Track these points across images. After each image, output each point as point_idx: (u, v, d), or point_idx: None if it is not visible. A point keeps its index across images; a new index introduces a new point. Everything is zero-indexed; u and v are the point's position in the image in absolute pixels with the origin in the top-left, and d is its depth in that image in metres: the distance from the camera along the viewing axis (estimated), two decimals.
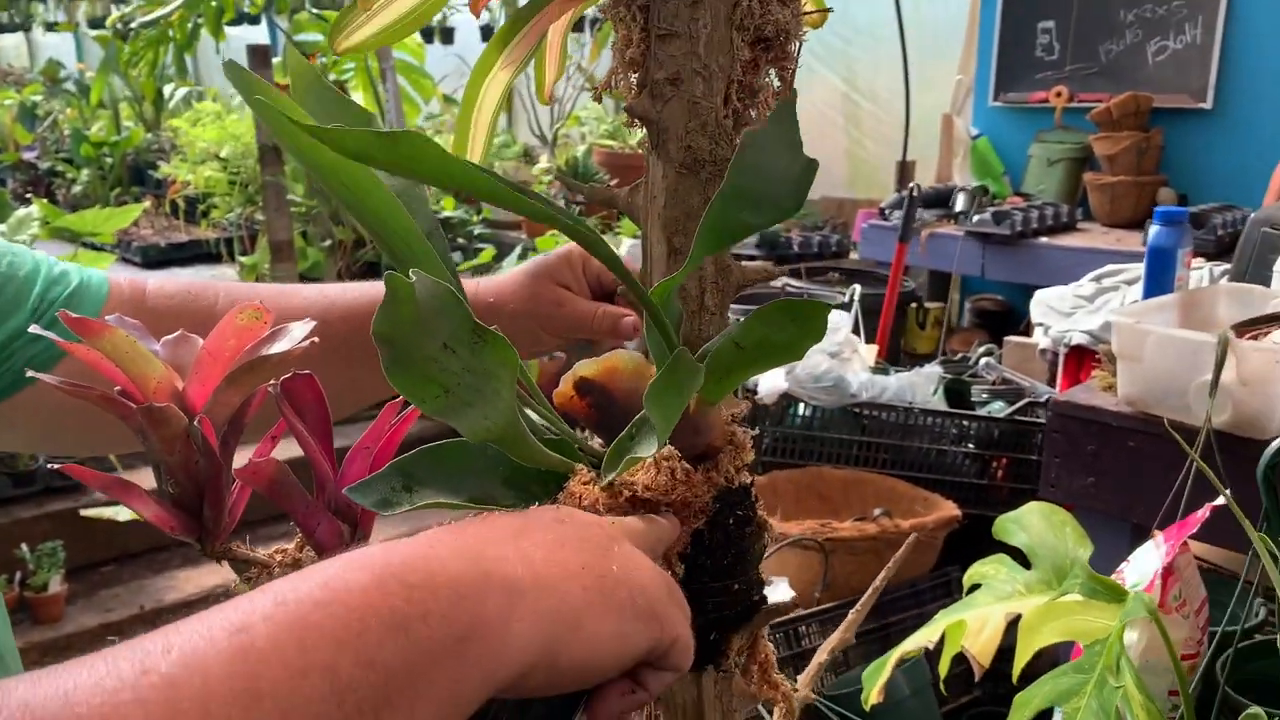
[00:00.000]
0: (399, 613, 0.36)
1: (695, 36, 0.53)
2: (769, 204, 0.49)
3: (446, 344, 0.45)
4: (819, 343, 0.51)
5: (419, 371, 0.46)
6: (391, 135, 0.41)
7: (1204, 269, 2.27)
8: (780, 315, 0.51)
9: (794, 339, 0.52)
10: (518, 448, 0.53)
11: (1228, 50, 3.90)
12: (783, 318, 0.51)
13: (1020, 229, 3.57)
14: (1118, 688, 0.78)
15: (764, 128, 0.49)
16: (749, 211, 0.48)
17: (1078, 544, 1.01)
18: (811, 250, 4.32)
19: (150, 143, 5.27)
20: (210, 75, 7.02)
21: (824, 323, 0.51)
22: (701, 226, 0.50)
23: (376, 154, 0.42)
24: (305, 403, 0.63)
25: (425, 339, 0.45)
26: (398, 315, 0.43)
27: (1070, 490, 1.57)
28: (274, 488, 0.59)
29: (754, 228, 0.49)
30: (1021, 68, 4.44)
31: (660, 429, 0.49)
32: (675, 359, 0.49)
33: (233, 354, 0.60)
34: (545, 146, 5.33)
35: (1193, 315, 1.64)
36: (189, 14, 3.97)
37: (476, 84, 0.74)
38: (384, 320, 0.43)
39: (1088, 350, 2.18)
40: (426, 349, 0.45)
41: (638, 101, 0.55)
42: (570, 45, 0.81)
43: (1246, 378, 1.35)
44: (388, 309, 0.43)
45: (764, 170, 0.48)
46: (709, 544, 0.54)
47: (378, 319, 0.43)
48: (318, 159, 0.49)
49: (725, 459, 0.56)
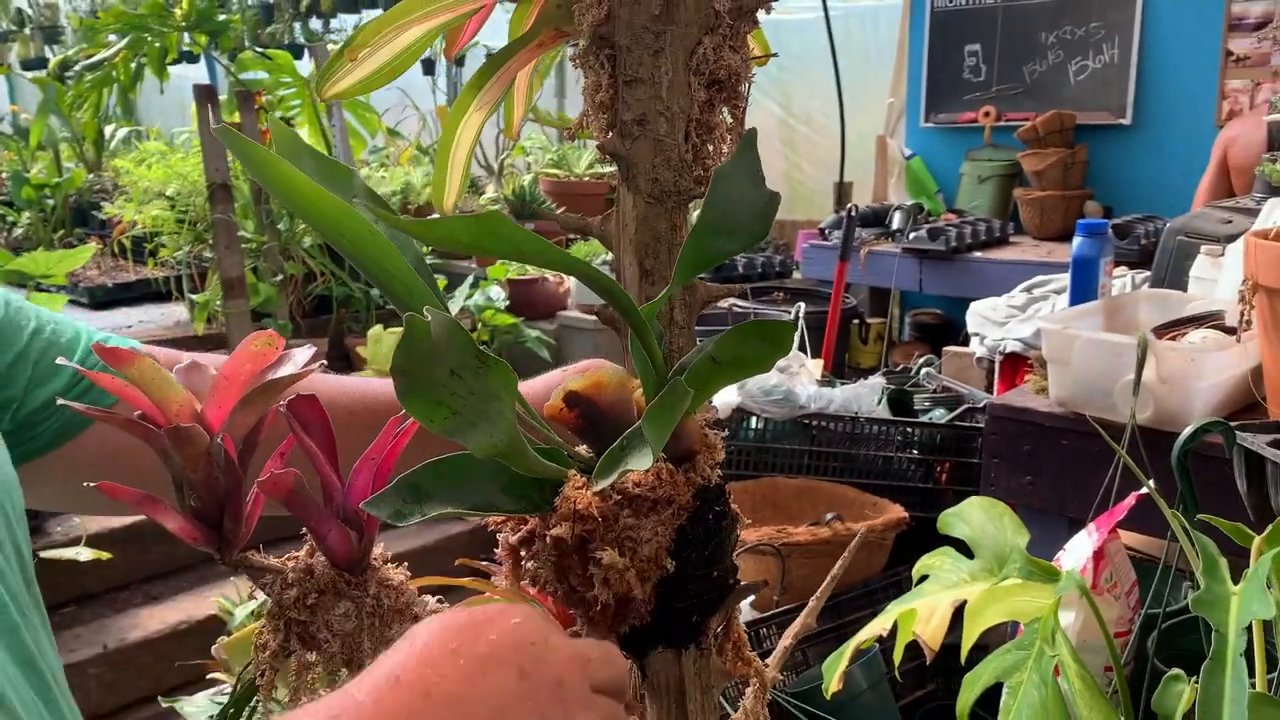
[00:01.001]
0: None
1: (658, 82, 0.60)
2: (741, 231, 0.57)
3: (454, 371, 0.50)
4: (785, 356, 0.59)
5: (430, 397, 0.50)
6: (477, 219, 0.47)
7: (1127, 276, 2.39)
8: (752, 334, 0.58)
9: (763, 354, 0.59)
10: (518, 460, 0.58)
11: (1144, 69, 4.08)
12: (754, 336, 0.58)
13: (955, 244, 3.69)
14: (1053, 656, 0.85)
15: (731, 165, 0.56)
16: (722, 239, 0.56)
17: (1016, 533, 1.08)
18: (756, 271, 4.42)
19: (93, 183, 5.24)
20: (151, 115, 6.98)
21: (790, 339, 0.58)
22: (682, 255, 0.56)
23: (463, 237, 0.49)
24: (311, 421, 0.69)
25: (436, 368, 0.49)
26: (415, 349, 0.48)
27: (1009, 489, 1.65)
28: (292, 498, 0.64)
29: (728, 253, 0.57)
30: (950, 89, 4.59)
31: (655, 445, 0.55)
32: (671, 387, 0.55)
33: (247, 377, 0.65)
34: (491, 176, 5.39)
35: (1116, 320, 1.74)
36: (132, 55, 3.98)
37: (453, 125, 0.80)
38: (403, 354, 0.48)
39: (1021, 357, 2.28)
40: (437, 376, 0.50)
41: (608, 140, 0.62)
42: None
43: (1165, 376, 1.45)
44: (407, 344, 0.47)
45: (733, 201, 0.56)
46: (692, 537, 0.60)
47: (397, 354, 0.47)
48: (318, 212, 0.52)
49: (702, 460, 0.63)
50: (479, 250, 0.51)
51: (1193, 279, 1.90)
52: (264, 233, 3.87)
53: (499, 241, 0.50)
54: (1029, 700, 0.88)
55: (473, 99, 0.78)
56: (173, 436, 0.61)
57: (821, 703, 1.52)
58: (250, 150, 0.52)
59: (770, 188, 0.60)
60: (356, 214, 0.52)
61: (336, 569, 0.68)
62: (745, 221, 0.57)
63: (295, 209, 0.53)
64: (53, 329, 0.80)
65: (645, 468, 0.55)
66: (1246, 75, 3.87)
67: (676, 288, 0.59)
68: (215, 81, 5.35)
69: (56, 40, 7.29)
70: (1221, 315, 1.61)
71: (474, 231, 0.49)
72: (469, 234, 0.49)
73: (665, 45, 0.60)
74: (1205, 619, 0.78)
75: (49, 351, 0.79)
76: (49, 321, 0.80)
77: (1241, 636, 0.76)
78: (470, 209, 4.61)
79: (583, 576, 0.61)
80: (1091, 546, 1.15)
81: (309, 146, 0.65)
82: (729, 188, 0.55)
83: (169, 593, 3.09)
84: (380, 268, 0.56)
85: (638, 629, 0.63)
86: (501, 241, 0.50)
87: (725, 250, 0.57)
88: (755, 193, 0.57)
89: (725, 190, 0.55)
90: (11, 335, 0.79)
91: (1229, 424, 1.08)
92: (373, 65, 0.76)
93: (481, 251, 0.52)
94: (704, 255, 0.56)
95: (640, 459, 0.55)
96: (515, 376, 0.53)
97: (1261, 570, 0.79)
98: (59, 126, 5.39)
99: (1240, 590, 0.80)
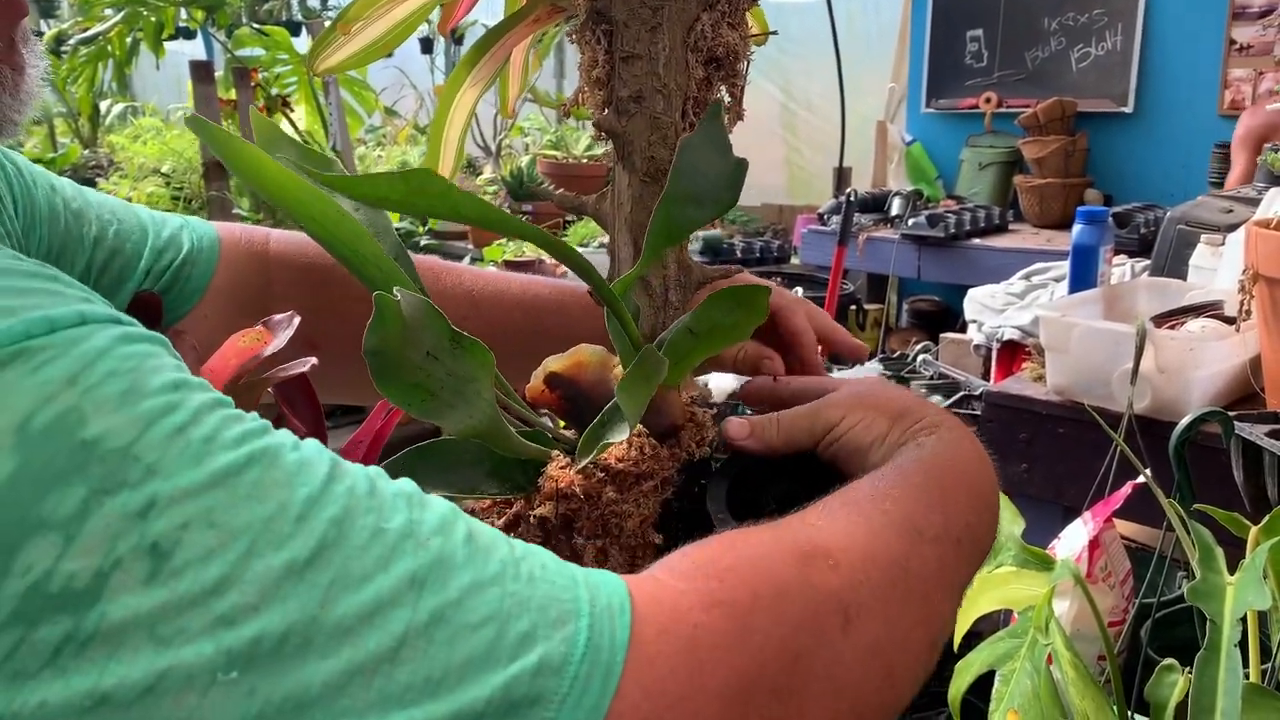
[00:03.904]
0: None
1: (655, 58, 0.59)
2: (709, 200, 0.57)
3: (429, 352, 0.49)
4: (762, 322, 0.58)
5: (406, 379, 0.50)
6: (403, 175, 0.45)
7: (1126, 265, 2.38)
8: (727, 301, 0.58)
9: (740, 320, 0.59)
10: (499, 441, 0.57)
11: (1146, 56, 4.06)
12: (729, 303, 0.58)
13: (954, 231, 3.68)
14: (1046, 645, 0.85)
15: (696, 135, 0.56)
16: (691, 208, 0.56)
17: (1011, 521, 1.08)
18: (753, 255, 4.41)
19: (88, 159, 5.21)
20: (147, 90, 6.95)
21: (765, 304, 0.58)
22: (652, 225, 0.56)
23: (391, 195, 0.47)
24: (299, 400, 0.68)
25: (410, 350, 0.49)
26: (386, 331, 0.47)
27: (1005, 476, 1.64)
28: None
29: (697, 222, 0.57)
30: (952, 75, 4.58)
31: (631, 416, 0.55)
32: (643, 355, 0.54)
33: (233, 371, 0.64)
34: (489, 157, 5.36)
35: (1115, 308, 1.74)
36: (128, 29, 3.95)
37: (447, 102, 0.79)
38: (374, 336, 0.47)
39: (1019, 345, 2.27)
40: (412, 358, 0.49)
41: (604, 117, 0.61)
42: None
43: (1164, 365, 1.44)
44: (377, 326, 0.46)
45: (700, 171, 0.55)
46: (679, 511, 0.60)
47: (368, 335, 0.47)
48: (285, 195, 0.51)
49: (686, 436, 0.62)
50: (411, 209, 0.49)
51: (1192, 268, 1.89)
52: (259, 210, 3.85)
53: (430, 200, 0.48)
54: (1021, 688, 0.88)
55: (466, 75, 0.77)
56: None
57: None
58: (218, 136, 0.51)
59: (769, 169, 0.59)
60: (326, 197, 0.51)
61: None
62: (713, 190, 0.57)
63: (266, 194, 0.52)
64: (116, 230, 0.76)
65: (623, 439, 0.55)
66: (1250, 64, 3.86)
67: (651, 260, 0.58)
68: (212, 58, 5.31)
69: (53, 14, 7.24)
70: (1221, 305, 1.61)
71: (402, 189, 0.47)
72: (397, 191, 0.47)
73: (663, 21, 0.59)
74: (1200, 609, 0.78)
75: (112, 261, 0.75)
76: (111, 220, 0.76)
77: (1236, 627, 0.75)
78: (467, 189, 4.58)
79: (570, 557, 0.60)
80: (1087, 535, 1.15)
81: (289, 137, 0.63)
82: (695, 157, 0.55)
83: None
84: (354, 251, 0.55)
85: None
86: (433, 200, 0.48)
87: (695, 219, 0.57)
88: (722, 161, 0.57)
89: (692, 160, 0.55)
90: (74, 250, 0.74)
91: (1227, 414, 1.07)
92: (367, 39, 0.75)
93: (413, 210, 0.50)
94: (674, 225, 0.56)
95: (618, 431, 0.55)
96: (492, 357, 0.52)
97: (1258, 561, 0.78)
98: (54, 101, 5.36)
99: (1236, 580, 0.79)
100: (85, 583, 0.33)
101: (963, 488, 0.57)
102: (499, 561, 0.39)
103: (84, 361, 0.36)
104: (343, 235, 0.54)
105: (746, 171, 0.59)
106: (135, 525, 0.34)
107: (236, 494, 0.36)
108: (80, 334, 0.37)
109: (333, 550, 0.36)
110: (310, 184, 0.49)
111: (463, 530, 0.40)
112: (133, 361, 0.37)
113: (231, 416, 0.39)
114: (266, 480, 0.37)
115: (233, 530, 0.35)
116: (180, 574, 0.34)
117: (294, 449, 0.39)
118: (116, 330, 0.38)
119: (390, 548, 0.37)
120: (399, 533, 0.38)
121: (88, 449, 0.34)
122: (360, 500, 0.38)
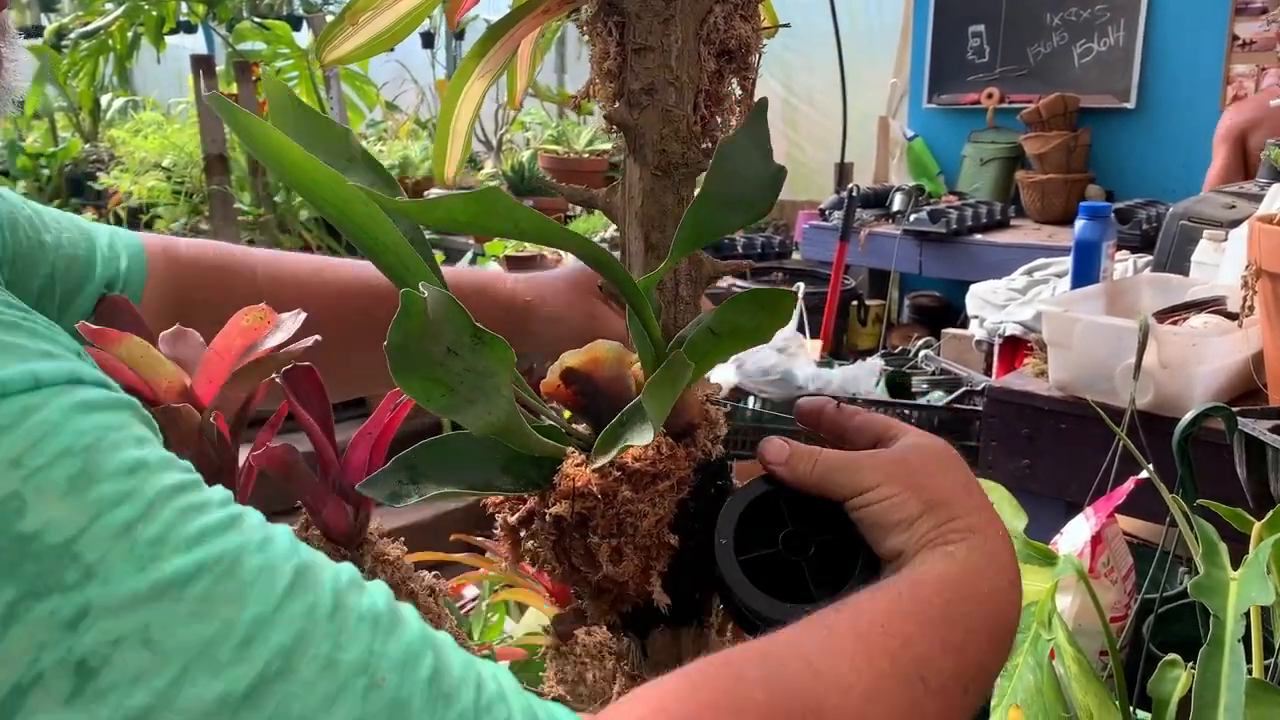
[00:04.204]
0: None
1: (667, 50, 0.59)
2: (744, 205, 0.55)
3: (450, 348, 0.49)
4: (785, 326, 0.57)
5: (425, 375, 0.49)
6: (472, 196, 0.46)
7: (1128, 261, 2.38)
8: (750, 304, 0.57)
9: (763, 324, 0.58)
10: (516, 438, 0.57)
11: (1149, 52, 4.06)
12: (753, 306, 0.57)
13: (956, 227, 3.68)
14: (1049, 640, 0.85)
15: (739, 134, 0.55)
16: (726, 212, 0.54)
17: (1013, 515, 1.08)
18: (755, 251, 4.41)
19: (89, 153, 5.20)
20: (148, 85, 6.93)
21: (790, 309, 0.57)
22: (682, 226, 0.55)
23: (460, 216, 0.48)
24: (307, 392, 0.68)
25: (432, 345, 0.48)
26: (410, 327, 0.46)
27: (1007, 472, 1.65)
28: (286, 471, 0.63)
29: (730, 227, 0.55)
30: (954, 70, 4.57)
31: (655, 419, 0.54)
32: (671, 360, 0.53)
33: (238, 353, 0.64)
34: (490, 152, 5.36)
35: (1118, 304, 1.74)
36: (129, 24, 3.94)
37: (455, 93, 0.79)
38: (398, 331, 0.46)
39: (1021, 340, 2.28)
40: (433, 354, 0.48)
41: (615, 110, 0.61)
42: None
43: (1166, 361, 1.45)
44: (402, 322, 0.46)
45: (739, 174, 0.54)
46: (694, 512, 0.59)
47: (392, 331, 0.46)
48: (306, 180, 0.51)
49: (701, 434, 0.62)
50: (478, 229, 0.50)
51: (1195, 264, 1.89)
52: (260, 205, 3.84)
53: (497, 219, 0.48)
54: (1024, 683, 0.88)
55: (474, 67, 0.77)
56: (163, 416, 0.60)
57: None
58: (241, 119, 0.50)
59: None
60: (347, 183, 0.50)
61: (332, 543, 0.67)
62: (750, 195, 0.55)
63: (285, 178, 0.51)
64: (67, 238, 0.75)
65: (646, 443, 0.54)
66: (1252, 60, 3.85)
67: (678, 261, 0.58)
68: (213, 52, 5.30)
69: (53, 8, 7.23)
70: (1224, 300, 1.61)
71: (472, 210, 0.47)
72: (467, 213, 0.48)
73: (675, 13, 0.58)
74: (1203, 604, 0.78)
75: (70, 270, 0.75)
76: (55, 229, 0.75)
77: (1240, 622, 0.75)
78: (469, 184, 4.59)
79: (584, 555, 0.60)
80: (1089, 530, 1.15)
81: (302, 103, 0.63)
82: (736, 159, 0.54)
83: None
84: (373, 239, 0.54)
85: (640, 607, 0.62)
86: (500, 219, 0.48)
87: (728, 224, 0.55)
88: (763, 165, 0.55)
89: (731, 161, 0.54)
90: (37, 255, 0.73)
91: (1230, 409, 1.07)
92: (374, 30, 0.74)
93: (480, 230, 0.50)
94: (705, 228, 0.55)
95: (641, 434, 0.54)
96: (512, 354, 0.52)
97: (1261, 556, 0.78)
98: (55, 95, 5.35)
99: (1239, 576, 0.79)
100: (1, 697, 0.30)
101: (985, 627, 0.52)
102: (458, 714, 0.36)
103: (32, 438, 0.33)
104: (362, 221, 0.53)
105: (785, 179, 0.58)
106: (64, 636, 0.31)
107: (178, 609, 0.32)
108: (33, 402, 0.33)
109: (275, 683, 0.33)
110: (330, 169, 0.49)
111: (428, 667, 0.36)
112: (88, 438, 0.34)
113: (192, 507, 0.35)
114: (215, 594, 0.33)
115: (167, 651, 0.32)
116: (104, 696, 0.31)
117: (258, 549, 0.35)
118: (75, 397, 0.35)
119: (340, 686, 0.34)
120: (353, 667, 0.34)
121: (23, 544, 0.31)
122: (318, 624, 0.35)
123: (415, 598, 0.68)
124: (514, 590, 1.04)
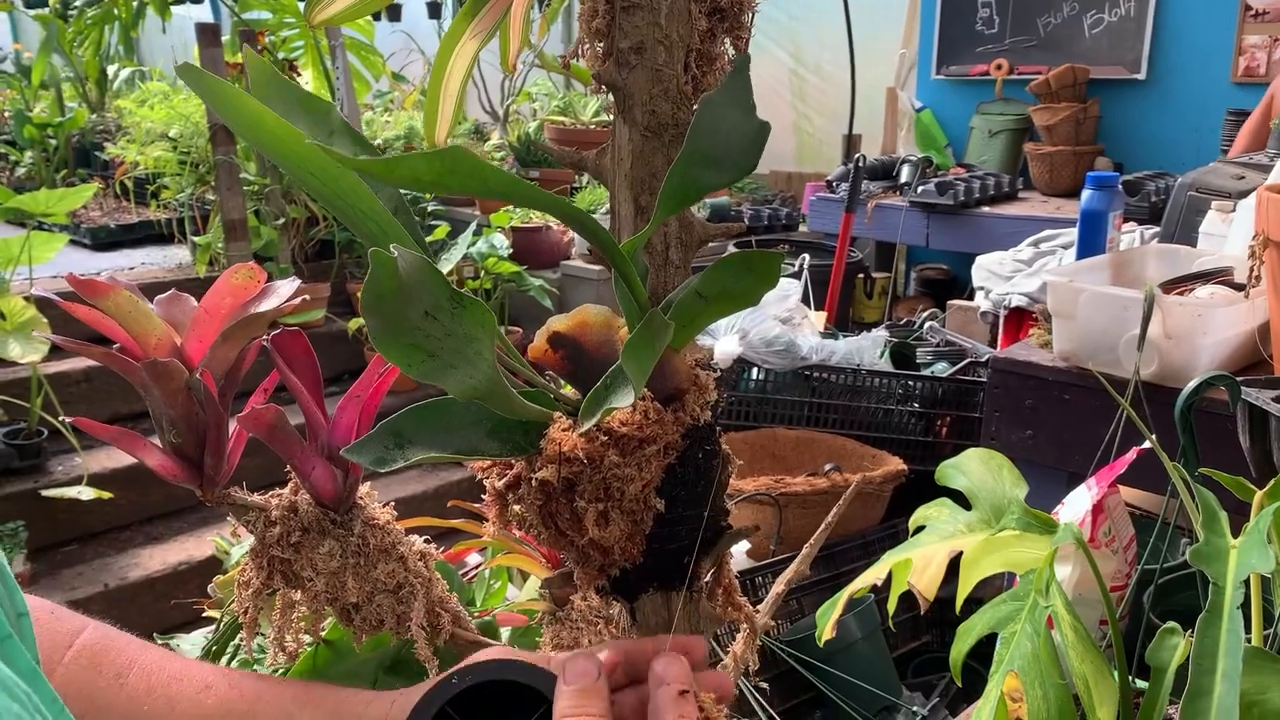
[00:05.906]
0: None
1: (657, 8, 0.58)
2: (727, 163, 0.54)
3: (428, 312, 0.48)
4: (772, 289, 0.56)
5: (405, 339, 0.48)
6: (435, 154, 0.44)
7: (1135, 232, 2.36)
8: (738, 266, 0.56)
9: (750, 287, 0.57)
10: (500, 402, 0.56)
11: (1160, 23, 4.01)
12: (740, 268, 0.56)
13: (963, 199, 3.65)
14: (1046, 607, 0.84)
15: (719, 91, 0.54)
16: (709, 171, 0.53)
17: (1014, 485, 1.07)
18: (762, 223, 4.39)
19: (95, 124, 5.18)
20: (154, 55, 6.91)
21: (777, 270, 0.56)
22: (665, 186, 0.54)
23: (424, 175, 0.46)
24: (296, 356, 0.67)
25: (408, 308, 0.47)
26: (382, 288, 0.46)
27: (1010, 443, 1.64)
28: (273, 433, 0.63)
29: (714, 186, 0.54)
30: (963, 41, 4.52)
31: (636, 380, 0.53)
32: (649, 319, 0.53)
33: (229, 311, 0.64)
34: (497, 123, 5.33)
35: (1123, 274, 1.72)
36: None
37: (445, 54, 0.78)
38: (370, 294, 0.46)
39: (1026, 311, 2.26)
40: (410, 318, 0.48)
41: (604, 69, 0.60)
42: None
43: (1171, 331, 1.43)
44: (373, 283, 0.45)
45: (721, 131, 0.53)
46: (682, 476, 0.59)
47: (365, 294, 0.45)
48: (283, 148, 0.50)
49: (690, 399, 0.61)
50: (443, 188, 0.48)
51: (1202, 235, 1.87)
52: (266, 175, 3.83)
53: (462, 178, 0.47)
54: (1021, 650, 0.88)
55: (466, 26, 0.76)
56: (150, 370, 0.60)
57: (815, 651, 1.53)
58: (214, 86, 0.49)
59: (778, 135, 0.57)
60: (323, 151, 0.49)
61: (321, 507, 0.67)
62: (733, 152, 0.54)
63: (261, 147, 0.50)
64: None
65: (628, 404, 0.54)
66: (1265, 30, 3.80)
67: (663, 221, 0.57)
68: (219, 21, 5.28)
69: None
70: (1231, 271, 1.59)
71: (436, 168, 0.46)
72: (431, 171, 0.46)
73: None
74: (1203, 571, 0.77)
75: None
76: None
77: (1239, 590, 0.75)
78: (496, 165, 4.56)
79: (571, 519, 0.60)
80: (1091, 500, 1.14)
81: (285, 80, 0.62)
82: (716, 116, 0.53)
83: (170, 533, 3.11)
84: (352, 206, 0.53)
85: (628, 570, 0.62)
86: (465, 177, 0.47)
87: (711, 183, 0.54)
88: (745, 122, 0.54)
89: (713, 118, 0.53)
90: None
91: (1234, 379, 1.06)
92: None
93: (446, 189, 0.49)
94: (689, 187, 0.54)
95: (623, 396, 0.54)
96: (493, 317, 0.51)
97: (1262, 524, 0.78)
98: (62, 65, 5.33)
99: (1240, 543, 0.79)
100: None
101: None
102: None
103: None
104: (340, 189, 0.52)
105: (769, 135, 0.56)
106: None
107: None
108: None
109: None
110: (304, 136, 0.48)
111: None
112: None
113: None
114: None
115: None
116: None
117: None
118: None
119: None
120: None
121: None
122: None
123: (405, 561, 0.68)
124: (511, 557, 1.04)
